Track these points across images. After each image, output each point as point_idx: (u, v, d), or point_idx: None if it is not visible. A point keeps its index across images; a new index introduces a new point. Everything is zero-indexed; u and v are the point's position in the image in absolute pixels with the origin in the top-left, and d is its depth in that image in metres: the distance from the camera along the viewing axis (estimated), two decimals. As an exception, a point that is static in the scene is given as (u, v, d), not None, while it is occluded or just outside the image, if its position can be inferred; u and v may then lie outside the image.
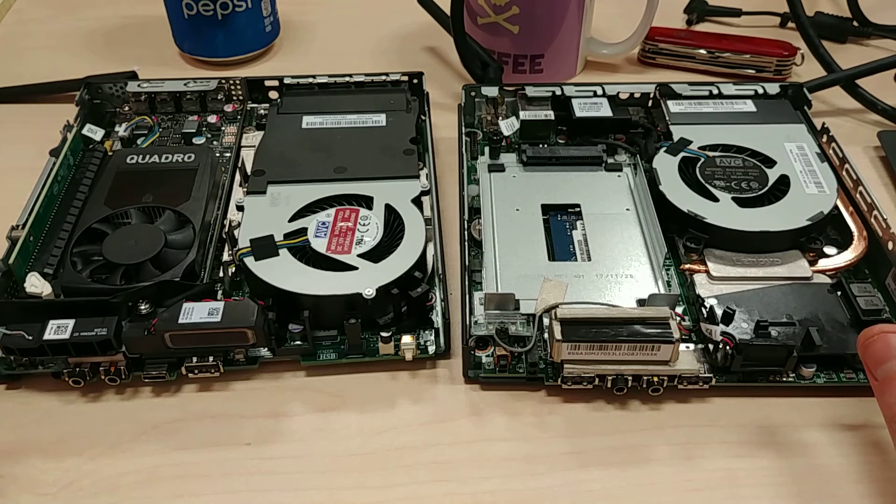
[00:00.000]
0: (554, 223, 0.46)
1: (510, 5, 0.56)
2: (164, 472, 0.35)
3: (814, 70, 0.58)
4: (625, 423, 0.37)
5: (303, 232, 0.41)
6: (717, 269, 0.41)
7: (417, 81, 0.54)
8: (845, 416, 0.37)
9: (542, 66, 0.60)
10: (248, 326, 0.36)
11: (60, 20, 0.69)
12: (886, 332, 0.33)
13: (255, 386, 0.39)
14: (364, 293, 0.37)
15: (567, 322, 0.36)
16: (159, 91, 0.53)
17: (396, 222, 0.42)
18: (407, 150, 0.47)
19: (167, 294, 0.38)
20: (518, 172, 0.49)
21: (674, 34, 0.63)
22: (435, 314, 0.40)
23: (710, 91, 0.52)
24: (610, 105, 0.51)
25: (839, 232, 0.44)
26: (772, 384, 0.38)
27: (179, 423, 0.37)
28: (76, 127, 0.50)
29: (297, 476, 0.35)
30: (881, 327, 0.33)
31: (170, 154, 0.47)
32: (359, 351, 0.39)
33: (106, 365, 0.37)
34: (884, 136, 0.54)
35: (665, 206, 0.44)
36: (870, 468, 0.35)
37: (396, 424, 0.37)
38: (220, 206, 0.46)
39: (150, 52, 0.64)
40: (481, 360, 0.39)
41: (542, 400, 0.38)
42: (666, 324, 0.36)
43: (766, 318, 0.37)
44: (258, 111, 0.54)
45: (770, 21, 0.68)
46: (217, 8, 0.59)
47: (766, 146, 0.47)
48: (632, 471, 0.35)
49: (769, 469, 0.35)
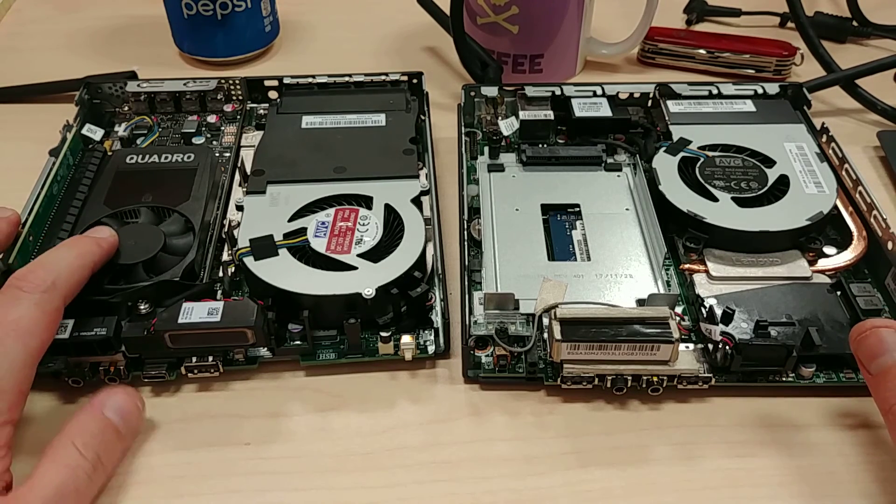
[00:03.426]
0: (553, 223, 0.46)
1: (510, 5, 0.56)
2: (163, 472, 0.35)
3: (813, 70, 0.58)
4: (624, 422, 0.37)
5: (302, 232, 0.41)
6: (716, 268, 0.41)
7: (417, 81, 0.54)
8: (845, 416, 0.37)
9: (542, 66, 0.60)
10: (248, 326, 0.36)
11: (60, 20, 0.69)
12: (878, 327, 0.33)
13: (255, 386, 0.39)
14: (364, 293, 0.37)
15: (567, 322, 0.36)
16: (159, 91, 0.53)
17: (396, 222, 0.42)
18: (406, 150, 0.47)
19: (167, 294, 0.38)
20: (518, 172, 0.49)
21: (673, 34, 0.63)
22: (434, 314, 0.40)
23: (709, 91, 0.52)
24: (609, 105, 0.51)
25: (839, 232, 0.45)
26: (771, 384, 0.38)
27: (179, 423, 0.37)
28: (76, 127, 0.50)
29: (296, 476, 0.35)
30: (872, 322, 0.34)
31: (169, 154, 0.47)
32: (358, 351, 0.39)
33: (106, 365, 0.37)
34: (883, 136, 0.54)
35: (665, 206, 0.44)
36: (870, 468, 0.35)
37: (396, 424, 0.37)
38: (220, 205, 0.46)
39: (150, 52, 0.64)
40: (481, 360, 0.39)
41: (542, 400, 0.38)
42: (665, 324, 0.36)
43: (765, 318, 0.37)
44: (258, 111, 0.54)
45: (770, 21, 0.68)
46: (216, 8, 0.59)
47: (765, 146, 0.47)
48: (631, 471, 0.35)
49: (769, 469, 0.35)
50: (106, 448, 0.33)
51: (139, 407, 0.36)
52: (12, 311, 0.33)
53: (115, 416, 0.34)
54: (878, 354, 0.33)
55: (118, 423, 0.34)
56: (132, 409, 0.35)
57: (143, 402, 0.36)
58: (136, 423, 0.35)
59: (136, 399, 0.36)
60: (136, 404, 0.35)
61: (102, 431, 0.33)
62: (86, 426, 0.33)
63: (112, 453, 0.34)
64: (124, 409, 0.35)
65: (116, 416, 0.34)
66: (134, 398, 0.35)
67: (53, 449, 0.32)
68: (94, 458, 0.32)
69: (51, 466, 0.32)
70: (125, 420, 0.34)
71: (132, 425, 0.35)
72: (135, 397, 0.35)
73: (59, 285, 0.34)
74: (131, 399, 0.35)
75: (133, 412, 0.35)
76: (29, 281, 0.34)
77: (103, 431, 0.34)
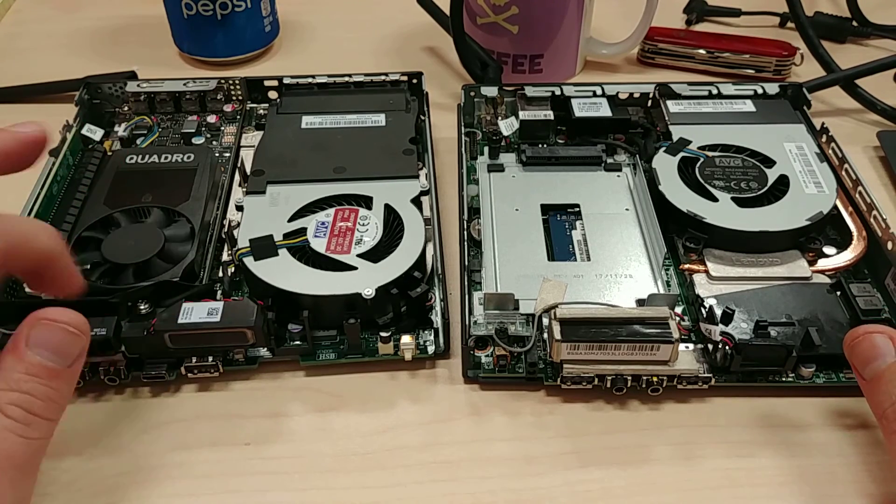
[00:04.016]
0: (553, 223, 0.46)
1: (509, 5, 0.57)
2: (163, 472, 0.35)
3: (813, 70, 0.59)
4: (624, 422, 0.37)
5: (302, 232, 0.41)
6: (716, 269, 0.41)
7: (417, 81, 0.54)
8: (845, 416, 0.37)
9: (542, 66, 0.60)
10: (248, 326, 0.36)
11: (60, 20, 0.69)
12: (871, 333, 0.33)
13: (255, 386, 0.39)
14: (363, 293, 0.37)
15: (566, 322, 0.36)
16: (159, 91, 0.53)
17: (396, 222, 0.42)
18: (406, 150, 0.47)
19: (166, 294, 0.38)
20: (517, 172, 0.49)
21: (673, 34, 0.63)
22: (434, 314, 0.40)
23: (709, 91, 0.52)
24: (609, 105, 0.51)
25: (838, 232, 0.45)
26: (771, 384, 0.38)
27: (179, 423, 0.37)
28: (75, 127, 0.50)
29: (296, 476, 0.35)
30: (865, 328, 0.34)
31: (169, 154, 0.47)
32: (358, 351, 0.39)
33: (105, 365, 0.37)
34: (883, 136, 0.54)
35: (664, 206, 0.44)
36: (869, 468, 0.35)
37: (396, 424, 0.37)
38: (220, 206, 0.46)
39: (150, 52, 0.64)
40: (481, 360, 0.39)
41: (542, 400, 0.38)
42: (665, 324, 0.36)
43: (765, 318, 0.37)
44: (257, 111, 0.54)
45: (769, 21, 0.68)
46: (216, 8, 0.59)
47: (765, 146, 0.47)
48: (631, 471, 0.35)
49: (768, 469, 0.35)
50: (38, 397, 0.28)
51: (73, 331, 0.29)
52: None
53: (44, 352, 0.28)
54: (872, 360, 0.33)
55: (50, 361, 0.28)
56: (64, 338, 0.29)
57: (78, 320, 0.30)
58: (74, 351, 0.29)
59: (67, 322, 0.29)
60: (67, 329, 0.29)
61: (28, 379, 0.28)
62: (6, 377, 0.28)
63: (49, 399, 0.28)
64: (53, 341, 0.29)
65: (45, 352, 0.28)
66: (62, 322, 0.29)
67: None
68: (22, 415, 0.28)
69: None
70: (59, 353, 0.29)
71: (71, 355, 0.29)
72: (65, 320, 0.29)
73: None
74: (58, 326, 0.29)
75: (66, 340, 0.29)
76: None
77: (30, 378, 0.28)
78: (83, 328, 0.30)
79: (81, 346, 0.30)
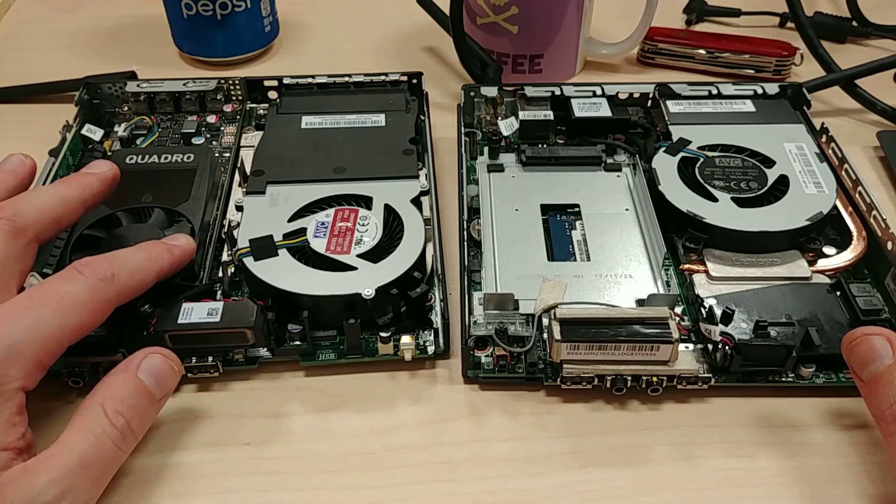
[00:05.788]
0: (553, 223, 0.46)
1: (509, 5, 0.57)
2: (163, 472, 0.35)
3: (813, 70, 0.59)
4: (624, 423, 0.37)
5: (302, 232, 0.41)
6: (716, 269, 0.41)
7: (417, 81, 0.54)
8: (844, 416, 0.37)
9: (542, 66, 0.60)
10: (248, 326, 0.36)
11: (60, 20, 0.69)
12: (868, 335, 0.33)
13: (255, 386, 0.39)
14: (363, 293, 0.37)
15: (566, 322, 0.36)
16: (158, 91, 0.53)
17: (396, 222, 0.42)
18: (406, 151, 0.47)
19: (166, 294, 0.38)
20: (517, 172, 0.49)
21: (673, 34, 0.63)
22: (434, 314, 0.40)
23: (709, 91, 0.52)
24: (609, 105, 0.51)
25: (838, 232, 0.44)
26: (771, 384, 0.38)
27: (178, 423, 0.37)
28: (75, 127, 0.50)
29: (296, 476, 0.35)
30: (862, 330, 0.34)
31: (169, 154, 0.47)
32: (358, 351, 0.39)
33: (105, 365, 0.37)
34: (883, 136, 0.54)
35: (664, 207, 0.44)
36: (868, 468, 0.35)
37: (395, 424, 0.37)
38: (220, 206, 0.46)
39: (150, 52, 0.64)
40: (480, 360, 0.39)
41: (542, 400, 0.38)
42: (665, 324, 0.36)
43: (765, 318, 0.37)
44: (257, 111, 0.54)
45: (769, 21, 0.68)
46: (216, 8, 0.59)
47: (765, 146, 0.47)
48: (631, 471, 0.35)
49: (768, 469, 0.35)
50: (137, 414, 0.32)
51: (175, 370, 0.34)
52: (63, 285, 0.32)
53: (150, 379, 0.33)
54: (870, 361, 0.33)
55: (152, 387, 0.33)
56: (167, 372, 0.34)
57: (179, 364, 0.35)
58: (169, 388, 0.34)
59: (173, 361, 0.34)
60: (173, 367, 0.34)
61: (135, 396, 0.32)
62: (118, 390, 0.32)
63: (143, 419, 0.33)
64: (160, 371, 0.33)
65: (151, 379, 0.33)
66: (170, 360, 0.34)
67: (82, 413, 0.31)
68: (123, 425, 0.31)
69: (77, 433, 0.31)
70: (160, 384, 0.33)
71: (166, 389, 0.34)
72: (172, 359, 0.34)
73: (119, 280, 0.34)
74: (168, 361, 0.34)
75: (168, 375, 0.34)
76: (89, 266, 0.33)
77: (136, 396, 0.32)
78: (181, 369, 0.35)
79: (174, 384, 0.35)
